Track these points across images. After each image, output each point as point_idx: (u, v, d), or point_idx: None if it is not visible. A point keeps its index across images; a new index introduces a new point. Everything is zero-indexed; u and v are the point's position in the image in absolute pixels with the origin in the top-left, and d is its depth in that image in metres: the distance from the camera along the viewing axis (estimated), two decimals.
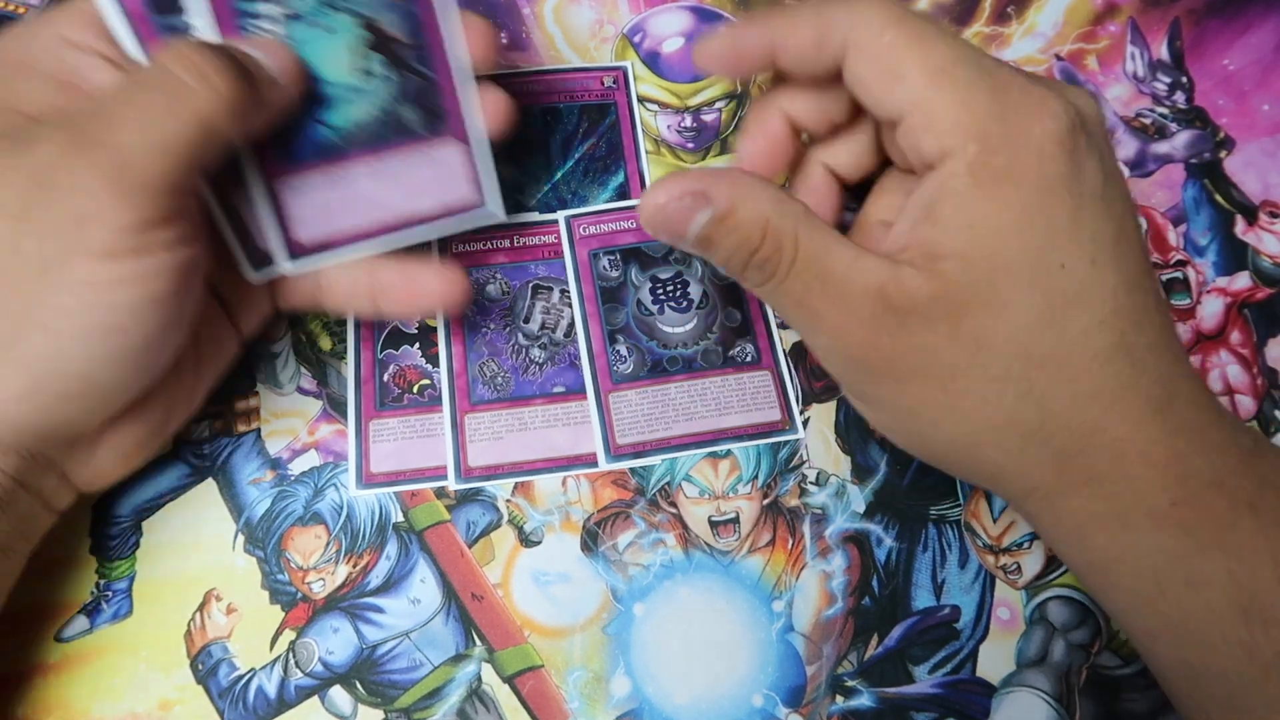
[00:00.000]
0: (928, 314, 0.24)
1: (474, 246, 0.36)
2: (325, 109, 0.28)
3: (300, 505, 0.33)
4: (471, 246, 0.36)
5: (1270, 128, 0.40)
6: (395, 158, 0.29)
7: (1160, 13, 0.42)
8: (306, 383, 0.35)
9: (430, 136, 0.29)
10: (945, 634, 0.32)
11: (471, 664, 0.31)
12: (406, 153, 0.29)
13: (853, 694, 0.31)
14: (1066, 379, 0.24)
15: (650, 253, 0.36)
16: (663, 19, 0.42)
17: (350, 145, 0.29)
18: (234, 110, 0.25)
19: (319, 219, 0.29)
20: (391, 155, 0.29)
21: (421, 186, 0.29)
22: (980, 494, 0.34)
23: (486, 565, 0.32)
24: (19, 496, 0.26)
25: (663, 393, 0.34)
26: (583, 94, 0.40)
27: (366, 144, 0.29)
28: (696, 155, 0.39)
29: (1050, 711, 0.31)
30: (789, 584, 0.32)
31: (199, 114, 0.24)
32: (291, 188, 0.29)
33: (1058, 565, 0.33)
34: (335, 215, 0.29)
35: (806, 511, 0.33)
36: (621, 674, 0.31)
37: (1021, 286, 0.23)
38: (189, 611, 0.31)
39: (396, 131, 0.29)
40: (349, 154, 0.29)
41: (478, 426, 0.34)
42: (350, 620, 0.31)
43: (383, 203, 0.29)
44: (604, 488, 0.33)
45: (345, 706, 0.30)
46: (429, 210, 0.30)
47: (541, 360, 0.35)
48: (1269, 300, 0.37)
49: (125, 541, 0.32)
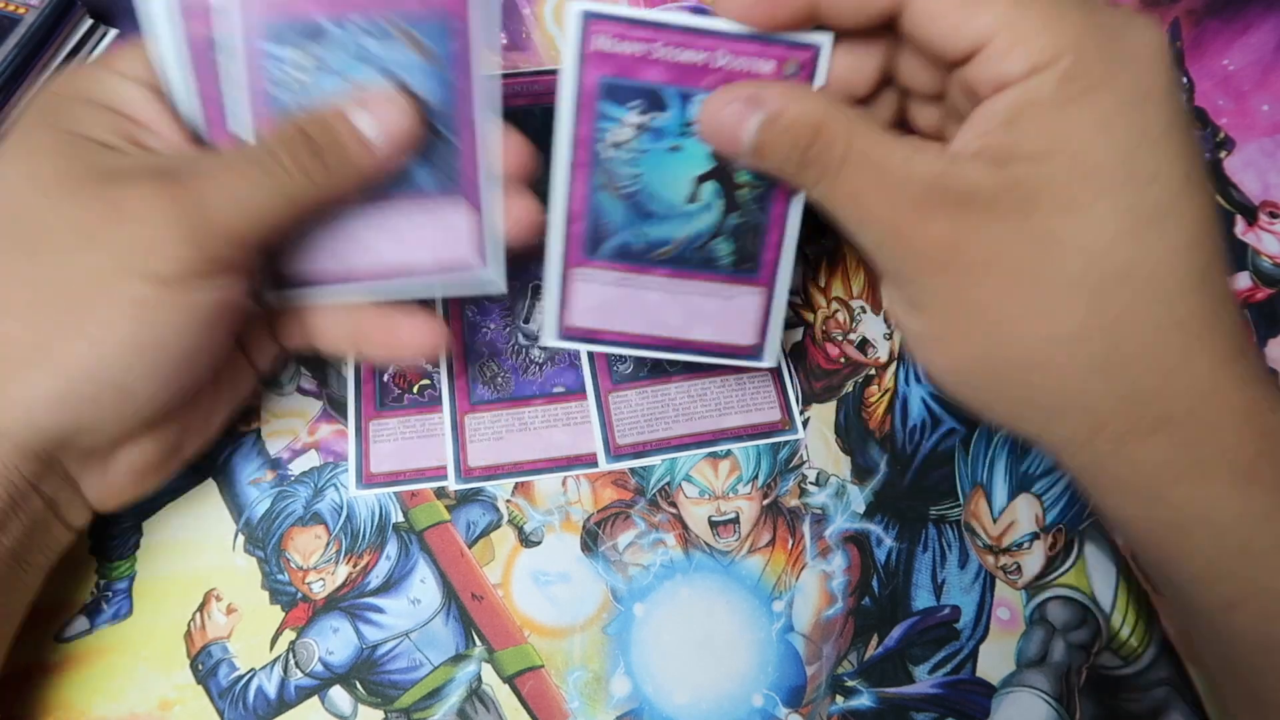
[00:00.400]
0: (993, 204, 0.23)
1: None
2: None
3: (300, 505, 0.33)
4: None
5: (1270, 128, 0.40)
6: (397, 209, 0.28)
7: (1160, 13, 0.42)
8: (306, 383, 0.35)
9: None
10: (945, 634, 0.32)
11: (471, 664, 0.31)
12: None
13: (853, 694, 0.31)
14: (1148, 299, 0.22)
15: None
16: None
17: None
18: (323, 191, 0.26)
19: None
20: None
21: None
22: (980, 494, 0.34)
23: (486, 565, 0.32)
24: (33, 502, 0.26)
25: (663, 393, 0.34)
26: None
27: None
28: None
29: (1050, 711, 0.31)
30: (789, 584, 0.32)
31: (289, 195, 0.25)
32: None
33: (1058, 565, 0.33)
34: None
35: (806, 511, 0.33)
36: (621, 674, 0.31)
37: (1106, 190, 0.22)
38: (189, 611, 0.31)
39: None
40: None
41: (478, 426, 0.34)
42: (350, 620, 0.31)
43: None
44: (604, 488, 0.33)
45: (345, 706, 0.30)
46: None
47: (541, 360, 0.35)
48: (1269, 300, 0.37)
49: (125, 541, 0.32)
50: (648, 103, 0.27)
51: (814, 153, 0.24)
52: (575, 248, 0.28)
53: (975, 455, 0.34)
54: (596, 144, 0.27)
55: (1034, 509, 0.33)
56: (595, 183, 0.28)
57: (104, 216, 0.24)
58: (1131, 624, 0.32)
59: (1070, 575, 0.33)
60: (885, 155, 0.24)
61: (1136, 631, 0.32)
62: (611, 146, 0.27)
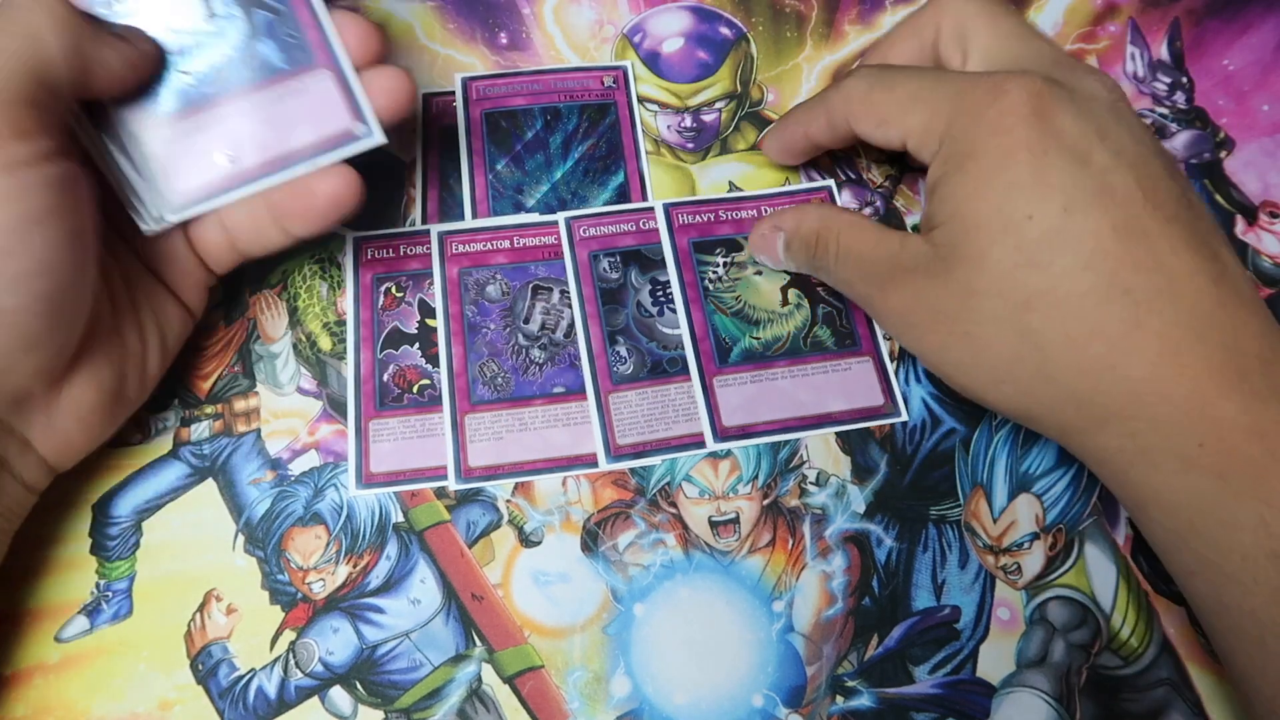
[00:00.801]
0: (928, 270, 0.28)
1: (474, 247, 0.36)
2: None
3: (300, 505, 0.33)
4: (471, 247, 0.36)
5: (1270, 128, 0.40)
6: (263, 95, 0.29)
7: (1160, 13, 0.42)
8: (306, 383, 0.35)
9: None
10: (945, 634, 0.32)
11: (471, 664, 0.31)
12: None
13: (853, 694, 0.31)
14: (1058, 318, 0.26)
15: (650, 255, 0.37)
16: (663, 19, 0.42)
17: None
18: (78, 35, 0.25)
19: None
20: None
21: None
22: (980, 494, 0.34)
23: (486, 565, 0.32)
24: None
25: (663, 393, 0.34)
26: (583, 94, 0.40)
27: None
28: (696, 155, 0.39)
29: (1050, 712, 0.31)
30: (789, 584, 0.32)
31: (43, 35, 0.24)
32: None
33: (1058, 565, 0.33)
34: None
35: (806, 512, 0.33)
36: (621, 674, 0.31)
37: (993, 238, 0.27)
38: (189, 611, 0.31)
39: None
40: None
41: (478, 426, 0.34)
42: (350, 620, 0.31)
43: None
44: (604, 488, 0.33)
45: (345, 707, 0.30)
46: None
47: (541, 361, 0.35)
48: (1269, 300, 0.37)
49: (125, 541, 0.32)
50: (726, 248, 0.37)
51: (818, 255, 0.32)
52: (709, 361, 0.35)
53: (975, 455, 0.34)
54: (701, 284, 0.36)
55: (1034, 509, 0.33)
56: (709, 309, 0.36)
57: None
58: (1131, 624, 0.32)
59: (1070, 575, 0.33)
60: (861, 245, 0.31)
61: (1136, 631, 0.32)
62: (712, 283, 0.36)
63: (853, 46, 0.41)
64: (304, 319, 0.36)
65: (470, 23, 0.41)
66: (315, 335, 0.35)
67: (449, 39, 0.41)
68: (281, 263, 0.37)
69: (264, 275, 0.36)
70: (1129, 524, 0.33)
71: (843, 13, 0.42)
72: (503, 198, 0.38)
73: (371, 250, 0.36)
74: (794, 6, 0.42)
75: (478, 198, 0.38)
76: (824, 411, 0.34)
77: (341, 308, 0.36)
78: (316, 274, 0.36)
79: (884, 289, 0.30)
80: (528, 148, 0.39)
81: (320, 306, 0.36)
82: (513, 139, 0.39)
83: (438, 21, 0.41)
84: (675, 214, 0.37)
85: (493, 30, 0.41)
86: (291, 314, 0.36)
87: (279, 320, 0.36)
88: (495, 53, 0.41)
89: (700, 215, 0.37)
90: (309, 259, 0.37)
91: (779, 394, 0.34)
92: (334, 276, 0.36)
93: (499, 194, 0.38)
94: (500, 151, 0.39)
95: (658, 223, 0.37)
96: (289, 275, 0.36)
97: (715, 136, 0.40)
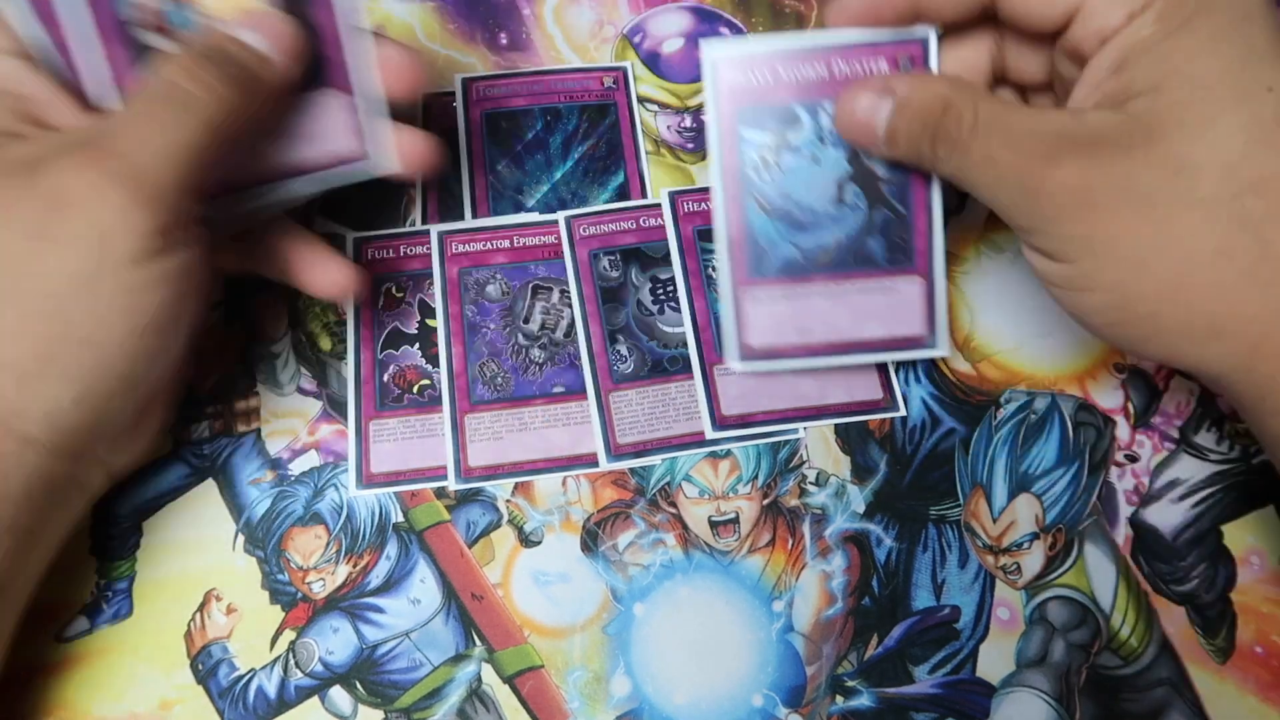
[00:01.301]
0: (1117, 142, 0.24)
1: (474, 247, 0.36)
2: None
3: (300, 505, 0.33)
4: (471, 247, 0.36)
5: None
6: (852, 284, 0.31)
7: None
8: (306, 383, 0.35)
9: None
10: (945, 634, 0.32)
11: (471, 664, 0.31)
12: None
13: (853, 694, 0.31)
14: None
15: (650, 253, 0.37)
16: (663, 19, 0.42)
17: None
18: (238, 110, 0.26)
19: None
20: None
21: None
22: (980, 494, 0.34)
23: (486, 565, 0.32)
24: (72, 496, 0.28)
25: (663, 392, 0.34)
26: (583, 94, 0.40)
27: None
28: (696, 155, 0.39)
29: (1050, 711, 0.31)
30: (789, 584, 0.32)
31: (207, 121, 0.25)
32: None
33: (1058, 565, 0.33)
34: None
35: (806, 511, 0.33)
36: (621, 674, 0.31)
37: (1224, 105, 0.23)
38: (189, 611, 0.31)
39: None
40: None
41: (478, 426, 0.34)
42: (350, 620, 0.31)
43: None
44: (604, 488, 0.33)
45: (345, 706, 0.30)
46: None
47: (541, 360, 0.35)
48: None
49: (125, 541, 0.32)
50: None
51: (945, 128, 0.26)
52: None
53: (975, 455, 0.34)
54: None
55: (1034, 509, 0.33)
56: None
57: (48, 211, 0.24)
58: (1131, 624, 0.32)
59: (1070, 575, 0.33)
60: (1011, 118, 0.25)
61: (1136, 631, 0.32)
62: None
63: None
64: (304, 319, 0.36)
65: (470, 23, 0.41)
66: (315, 335, 0.35)
67: (449, 39, 0.41)
68: None
69: None
70: (1129, 524, 0.33)
71: None
72: (503, 198, 0.38)
73: (371, 250, 0.36)
74: (794, 6, 0.42)
75: (478, 198, 0.38)
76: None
77: (341, 308, 0.36)
78: None
79: (1052, 161, 0.24)
80: (528, 148, 0.39)
81: (320, 306, 0.36)
82: (513, 139, 0.39)
83: (438, 22, 0.41)
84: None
85: (493, 31, 0.41)
86: (291, 314, 0.36)
87: (279, 320, 0.36)
88: (495, 53, 0.41)
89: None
90: None
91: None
92: None
93: (499, 194, 0.38)
94: (500, 152, 0.39)
95: (663, 212, 0.36)
96: None
97: None
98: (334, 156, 0.30)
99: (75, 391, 0.25)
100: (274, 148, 0.29)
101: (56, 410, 0.25)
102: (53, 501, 0.26)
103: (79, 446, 0.26)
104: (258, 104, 0.27)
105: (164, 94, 0.25)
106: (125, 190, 0.24)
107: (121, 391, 0.26)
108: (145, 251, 0.24)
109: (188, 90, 0.25)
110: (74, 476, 0.27)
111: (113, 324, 0.25)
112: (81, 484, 0.28)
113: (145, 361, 0.26)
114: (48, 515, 0.27)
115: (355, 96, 0.29)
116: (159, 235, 0.25)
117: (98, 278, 0.24)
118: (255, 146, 0.29)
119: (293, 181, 0.30)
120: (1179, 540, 0.33)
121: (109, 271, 0.24)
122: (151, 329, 0.25)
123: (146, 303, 0.25)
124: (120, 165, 0.24)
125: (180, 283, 0.26)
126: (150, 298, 0.25)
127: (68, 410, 0.25)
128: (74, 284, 0.24)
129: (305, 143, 0.29)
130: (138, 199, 0.24)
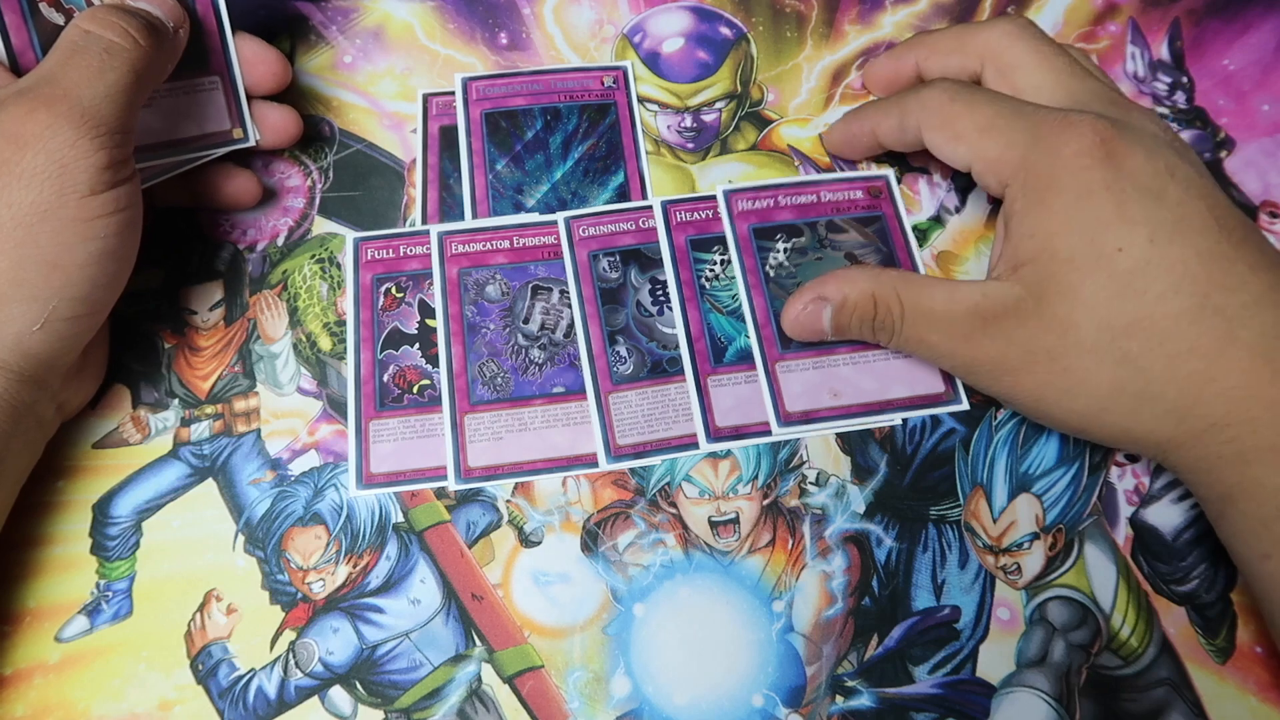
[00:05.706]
0: (1017, 313, 0.29)
1: (474, 247, 0.36)
2: None
3: (300, 505, 0.33)
4: (471, 247, 0.36)
5: (1270, 128, 0.40)
6: (871, 353, 0.34)
7: (1160, 13, 0.42)
8: (306, 383, 0.35)
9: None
10: (945, 634, 0.32)
11: (471, 664, 0.31)
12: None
13: (853, 694, 0.31)
14: (1157, 340, 0.27)
15: (649, 254, 0.36)
16: (663, 19, 0.42)
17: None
18: (154, 60, 0.30)
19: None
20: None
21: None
22: (980, 494, 0.34)
23: (486, 565, 0.32)
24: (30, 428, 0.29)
25: (663, 393, 0.34)
26: (583, 94, 0.40)
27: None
28: (696, 155, 0.39)
29: (1050, 712, 0.31)
30: (789, 584, 0.32)
31: (132, 65, 0.28)
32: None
33: (1058, 565, 0.33)
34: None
35: (806, 512, 0.33)
36: (621, 674, 0.31)
37: (1085, 271, 0.28)
38: (189, 611, 0.31)
39: None
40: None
41: (478, 427, 0.34)
42: (350, 620, 0.31)
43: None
44: (604, 488, 0.33)
45: (345, 707, 0.30)
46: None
47: (541, 361, 0.35)
48: None
49: (125, 541, 0.32)
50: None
51: (880, 320, 0.31)
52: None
53: (975, 455, 0.34)
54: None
55: (1034, 509, 0.33)
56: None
57: (10, 150, 0.26)
58: (1131, 624, 0.32)
59: (1070, 575, 0.32)
60: (932, 303, 0.30)
61: (1136, 631, 0.32)
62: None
63: (853, 46, 0.41)
64: (304, 319, 0.36)
65: (470, 23, 0.41)
66: (315, 335, 0.35)
67: (449, 39, 0.41)
68: (281, 262, 0.37)
69: (264, 275, 0.36)
70: (1129, 524, 0.33)
71: (843, 13, 0.42)
72: (503, 198, 0.38)
73: (371, 250, 0.36)
74: (794, 6, 0.42)
75: (478, 198, 0.38)
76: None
77: (341, 308, 0.36)
78: (317, 274, 0.36)
79: (971, 340, 0.30)
80: (528, 148, 0.39)
81: (320, 306, 0.36)
82: (513, 139, 0.39)
83: (438, 21, 0.41)
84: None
85: (493, 30, 0.41)
86: (291, 314, 0.36)
87: (279, 320, 0.36)
88: (495, 53, 0.41)
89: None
90: (309, 259, 0.37)
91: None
92: (334, 276, 0.36)
93: (499, 194, 0.38)
94: (500, 151, 0.39)
95: (655, 220, 0.37)
96: (289, 275, 0.36)
97: (715, 136, 0.40)
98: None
99: (40, 311, 0.27)
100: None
101: (25, 334, 0.27)
102: (15, 430, 0.28)
103: (41, 373, 0.28)
104: (165, 59, 0.30)
105: (88, 44, 0.28)
106: (77, 128, 0.27)
107: (79, 316, 0.28)
108: (100, 183, 0.27)
109: (110, 39, 0.28)
110: (33, 407, 0.29)
111: (74, 248, 0.27)
112: (39, 417, 0.30)
113: (103, 286, 0.29)
114: (8, 443, 0.28)
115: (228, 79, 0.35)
116: (109, 169, 0.27)
117: (60, 206, 0.27)
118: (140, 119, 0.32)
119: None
120: (1179, 540, 0.33)
121: (70, 200, 0.27)
122: (106, 254, 0.28)
123: (102, 228, 0.28)
124: (68, 107, 0.27)
125: (129, 211, 0.29)
126: (105, 224, 0.28)
127: (35, 335, 0.27)
128: (39, 213, 0.27)
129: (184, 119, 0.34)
130: (88, 135, 0.27)
